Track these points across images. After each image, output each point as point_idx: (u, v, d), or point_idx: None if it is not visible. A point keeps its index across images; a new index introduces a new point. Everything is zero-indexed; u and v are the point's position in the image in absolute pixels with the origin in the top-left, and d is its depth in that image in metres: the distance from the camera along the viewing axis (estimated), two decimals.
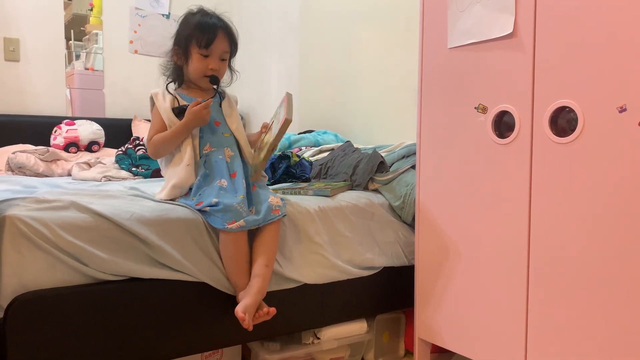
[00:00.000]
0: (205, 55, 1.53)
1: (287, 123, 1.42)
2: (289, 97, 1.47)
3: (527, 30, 1.26)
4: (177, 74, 1.59)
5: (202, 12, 1.58)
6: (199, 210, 1.38)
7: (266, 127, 1.56)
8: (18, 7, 3.03)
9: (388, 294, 1.70)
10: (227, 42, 1.56)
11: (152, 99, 1.55)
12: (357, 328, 1.66)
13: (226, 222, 1.33)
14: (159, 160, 1.58)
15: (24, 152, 2.55)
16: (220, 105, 1.60)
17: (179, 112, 1.50)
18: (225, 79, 1.62)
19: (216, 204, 1.35)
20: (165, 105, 1.52)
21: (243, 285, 1.36)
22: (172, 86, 1.59)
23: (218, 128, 1.56)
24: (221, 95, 1.61)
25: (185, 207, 1.39)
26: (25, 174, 2.50)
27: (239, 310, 1.26)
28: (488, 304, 1.39)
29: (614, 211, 1.12)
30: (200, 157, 1.49)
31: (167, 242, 1.29)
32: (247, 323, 1.25)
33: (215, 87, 1.57)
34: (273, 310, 1.33)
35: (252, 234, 1.41)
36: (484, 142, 1.37)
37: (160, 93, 1.55)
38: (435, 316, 1.53)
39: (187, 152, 1.47)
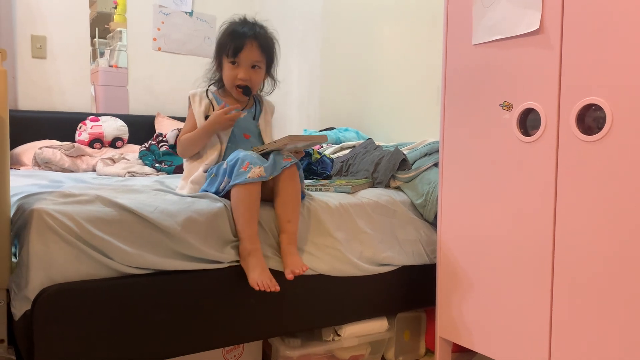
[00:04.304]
0: (233, 63, 1.55)
1: (286, 138, 1.42)
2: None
3: (554, 27, 1.24)
4: (218, 80, 1.64)
5: (240, 21, 1.60)
6: (225, 196, 1.41)
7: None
8: (45, 5, 3.08)
9: (409, 292, 1.70)
10: (258, 51, 1.57)
11: (189, 99, 1.60)
12: (377, 326, 1.65)
13: (241, 168, 1.35)
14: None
15: (50, 148, 2.60)
16: (254, 118, 1.63)
17: None
18: (265, 88, 1.66)
19: (229, 162, 1.38)
20: (200, 109, 1.57)
21: (247, 236, 1.34)
22: (212, 89, 1.63)
23: (248, 140, 1.59)
24: (258, 107, 1.64)
25: (208, 195, 1.41)
26: (51, 169, 2.55)
27: (294, 271, 1.33)
28: (512, 304, 1.37)
29: None
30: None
31: (191, 234, 1.30)
32: (300, 269, 1.34)
33: (248, 99, 1.61)
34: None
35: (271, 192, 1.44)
36: (508, 140, 1.36)
37: (198, 95, 1.60)
38: (458, 315, 1.52)
39: (210, 156, 1.53)
